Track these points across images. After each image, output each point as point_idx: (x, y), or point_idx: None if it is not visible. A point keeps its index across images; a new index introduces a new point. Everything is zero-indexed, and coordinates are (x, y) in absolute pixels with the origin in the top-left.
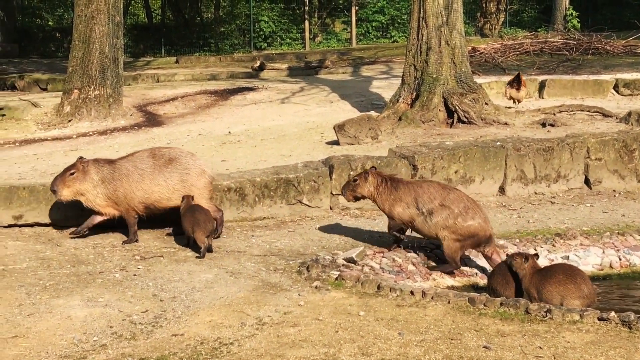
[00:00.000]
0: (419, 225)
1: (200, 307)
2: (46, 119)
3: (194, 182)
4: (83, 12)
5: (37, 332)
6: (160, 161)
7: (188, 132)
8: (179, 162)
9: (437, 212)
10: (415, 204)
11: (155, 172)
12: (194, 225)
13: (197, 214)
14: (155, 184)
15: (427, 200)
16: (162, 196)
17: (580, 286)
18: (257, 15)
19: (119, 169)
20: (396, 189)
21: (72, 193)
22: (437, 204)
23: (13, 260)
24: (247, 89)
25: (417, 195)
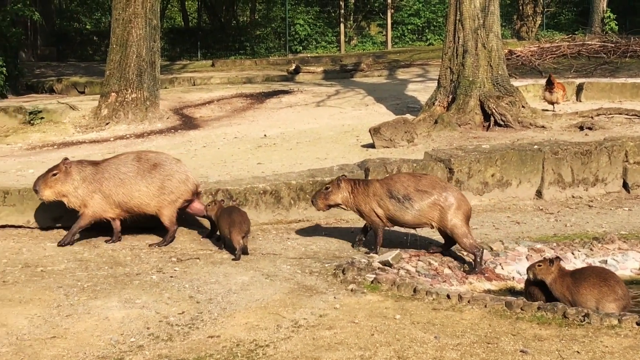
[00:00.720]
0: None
1: (236, 309)
2: (84, 121)
3: (174, 188)
4: (121, 15)
5: (75, 333)
6: (145, 166)
7: (224, 135)
8: (162, 167)
9: (415, 198)
10: (389, 194)
11: (138, 177)
12: (230, 226)
13: (234, 214)
14: (136, 189)
15: (400, 188)
16: (142, 201)
17: (615, 288)
18: (293, 19)
19: (101, 171)
20: (368, 186)
21: (54, 194)
22: (412, 190)
23: (52, 261)
24: (282, 92)
25: (390, 187)
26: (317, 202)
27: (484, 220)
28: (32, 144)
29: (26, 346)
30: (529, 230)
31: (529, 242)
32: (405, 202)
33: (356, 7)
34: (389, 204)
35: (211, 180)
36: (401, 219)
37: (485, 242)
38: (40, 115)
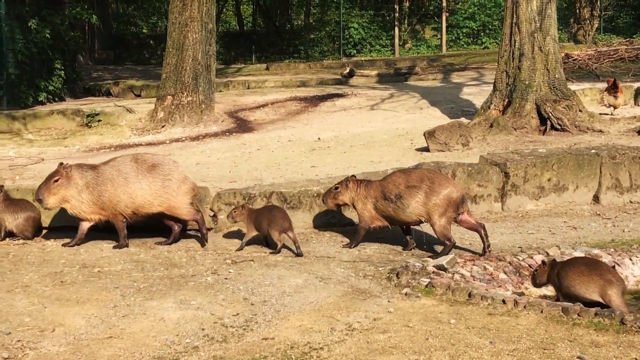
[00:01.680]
0: (394, 213)
1: (290, 311)
2: (140, 124)
3: (175, 188)
4: (177, 19)
5: (131, 333)
6: (144, 166)
7: (278, 138)
8: (161, 168)
9: (406, 194)
10: (383, 195)
11: (139, 176)
12: (270, 223)
13: (274, 211)
14: (139, 188)
15: (392, 188)
16: (145, 201)
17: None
18: (347, 22)
19: (102, 174)
20: (368, 188)
21: (58, 200)
22: (402, 187)
23: (108, 262)
24: (336, 95)
25: (384, 188)
26: (327, 201)
27: (540, 225)
28: (89, 146)
29: (83, 346)
30: (586, 236)
31: (586, 247)
32: (397, 201)
33: (411, 10)
34: (382, 205)
35: (265, 182)
36: (397, 218)
37: (541, 247)
38: (97, 117)
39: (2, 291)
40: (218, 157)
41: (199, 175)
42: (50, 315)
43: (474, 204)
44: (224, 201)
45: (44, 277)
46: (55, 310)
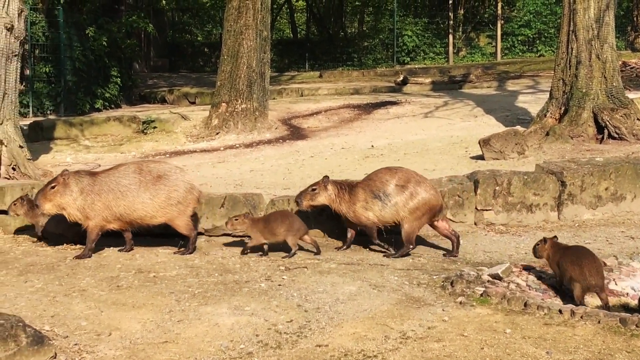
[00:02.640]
0: (384, 213)
1: (344, 318)
2: (195, 131)
3: (181, 199)
4: (232, 27)
5: (186, 338)
6: (147, 177)
7: (331, 146)
8: (167, 178)
9: (394, 193)
10: (373, 195)
11: (140, 189)
12: (288, 229)
13: (291, 217)
14: (140, 201)
15: (380, 185)
16: (147, 213)
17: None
18: (401, 30)
19: (99, 183)
20: (354, 190)
21: (54, 207)
22: (392, 186)
23: (163, 267)
24: (390, 103)
25: (372, 187)
26: (302, 202)
27: (597, 235)
28: (145, 152)
29: (139, 350)
30: None
31: None
32: (386, 200)
33: (465, 18)
34: (374, 205)
35: None
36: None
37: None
38: (153, 124)
39: (59, 295)
40: (271, 164)
41: (252, 182)
42: (107, 320)
43: (529, 213)
44: (277, 208)
45: (100, 282)
46: (111, 315)
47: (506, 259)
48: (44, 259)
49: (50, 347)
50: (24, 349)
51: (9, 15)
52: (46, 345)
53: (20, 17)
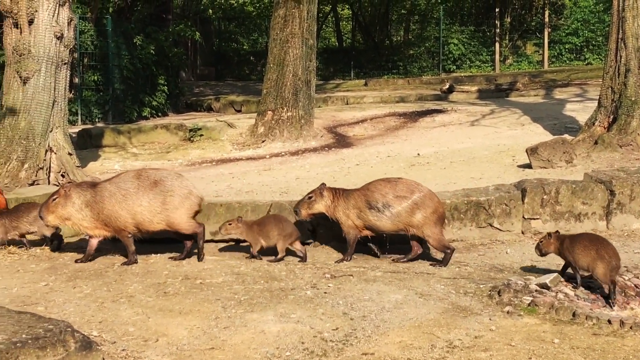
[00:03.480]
0: (379, 223)
1: (390, 327)
2: (241, 139)
3: (177, 204)
4: (278, 35)
5: (233, 345)
6: (145, 183)
7: (377, 154)
8: (163, 184)
9: (394, 204)
10: (368, 205)
11: (139, 193)
12: (280, 233)
13: (284, 222)
14: (138, 205)
15: (379, 197)
16: (145, 218)
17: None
18: (447, 38)
19: (100, 191)
20: (348, 197)
21: (57, 218)
22: (391, 197)
23: (210, 274)
24: (435, 111)
25: (368, 197)
26: (300, 212)
27: None
28: (191, 160)
29: (186, 356)
30: None
31: None
32: (384, 211)
33: (512, 26)
34: (369, 214)
35: None
36: (381, 227)
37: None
38: (199, 132)
39: (107, 301)
40: (317, 172)
41: (298, 190)
42: (154, 326)
43: (577, 222)
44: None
45: (147, 288)
46: (158, 321)
47: (554, 269)
48: (92, 265)
49: (98, 352)
50: (73, 354)
51: (58, 24)
52: (94, 350)
53: (70, 26)
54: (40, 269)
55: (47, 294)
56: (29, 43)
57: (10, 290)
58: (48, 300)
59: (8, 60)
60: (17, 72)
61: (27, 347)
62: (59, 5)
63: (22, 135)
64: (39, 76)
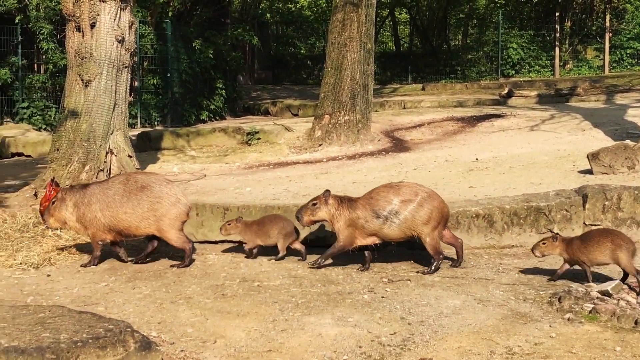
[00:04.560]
0: (388, 231)
1: (448, 332)
2: (298, 142)
3: (165, 211)
4: (336, 39)
5: (290, 348)
6: (132, 188)
7: (435, 158)
8: (150, 190)
9: (401, 210)
10: (375, 214)
11: (123, 199)
12: (280, 231)
13: (284, 222)
14: (123, 212)
15: (384, 205)
16: (131, 224)
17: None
18: (506, 42)
19: (89, 194)
20: (354, 207)
21: (57, 221)
22: (397, 203)
23: (267, 277)
24: (494, 115)
25: (373, 206)
26: (302, 218)
27: None
28: (249, 163)
29: (243, 358)
30: None
31: None
32: (391, 218)
33: (572, 30)
34: (374, 225)
35: None
36: (389, 235)
37: None
38: (257, 136)
39: (166, 302)
40: (374, 176)
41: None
42: (212, 327)
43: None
44: None
45: (205, 290)
46: (216, 322)
47: (615, 276)
48: (151, 267)
49: (157, 353)
50: (132, 354)
51: (120, 27)
52: (153, 351)
53: (131, 30)
54: (100, 269)
55: (107, 294)
56: (91, 46)
57: (71, 290)
58: (108, 301)
59: (70, 63)
60: (79, 75)
61: (87, 347)
62: (121, 9)
63: (84, 137)
64: (101, 79)
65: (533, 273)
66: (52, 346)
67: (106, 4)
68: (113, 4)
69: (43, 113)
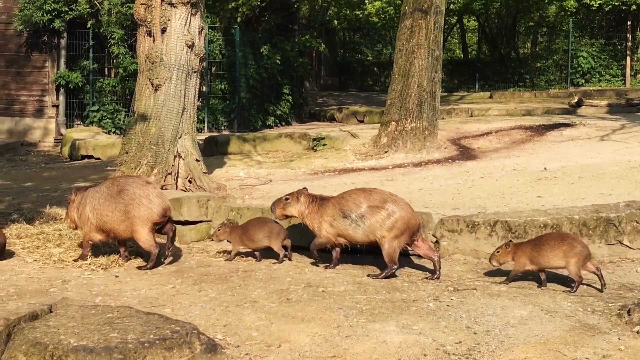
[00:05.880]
0: (352, 233)
1: (514, 343)
2: (363, 149)
3: (136, 212)
4: (404, 46)
5: (354, 354)
6: (112, 192)
7: (502, 167)
8: (126, 192)
9: (368, 214)
10: (342, 214)
11: (106, 202)
12: (270, 234)
13: (271, 223)
14: (104, 214)
15: (353, 207)
16: (112, 226)
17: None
18: (576, 51)
19: (86, 196)
20: (323, 205)
21: (71, 221)
22: (365, 207)
23: (332, 282)
24: (563, 125)
25: (342, 206)
26: (275, 210)
27: None
28: (314, 169)
29: None
30: None
31: None
32: (357, 220)
33: None
34: (341, 224)
35: (489, 211)
36: (353, 237)
37: None
38: (323, 142)
39: (231, 305)
40: (440, 184)
41: (421, 202)
42: (277, 331)
43: None
44: (446, 228)
45: (270, 294)
46: (281, 327)
47: None
48: (217, 270)
49: (223, 355)
50: (198, 356)
51: (190, 32)
52: (219, 353)
53: (201, 35)
54: (167, 271)
55: (173, 296)
56: (161, 51)
57: (138, 292)
58: (174, 303)
59: (141, 67)
60: (149, 79)
61: (154, 347)
62: (191, 14)
63: (152, 141)
64: (170, 84)
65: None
66: (119, 346)
67: (177, 9)
68: (184, 9)
69: (113, 116)
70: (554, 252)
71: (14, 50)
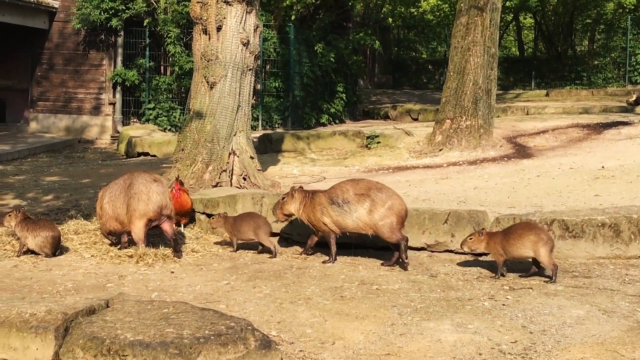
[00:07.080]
0: (342, 220)
1: (571, 342)
2: (418, 147)
3: (135, 206)
4: (460, 43)
5: (408, 352)
6: (123, 186)
7: (559, 165)
8: (132, 187)
9: (355, 202)
10: (330, 201)
11: (120, 195)
12: (256, 228)
13: (256, 217)
14: (117, 206)
15: (339, 193)
16: (123, 219)
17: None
18: (634, 49)
19: (107, 189)
20: (315, 196)
21: (98, 215)
22: (351, 194)
23: (386, 281)
24: (621, 123)
25: (330, 194)
26: (276, 212)
27: None
28: (368, 166)
29: None
30: None
31: None
32: (344, 206)
33: None
34: (330, 210)
35: (546, 209)
36: (343, 224)
37: None
38: (377, 139)
39: (286, 302)
40: (496, 182)
41: (476, 200)
42: (331, 329)
43: None
44: (502, 226)
45: (324, 291)
46: (335, 324)
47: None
48: (271, 266)
49: (277, 352)
50: (252, 352)
51: (245, 30)
52: (273, 350)
53: (256, 33)
54: (222, 267)
55: (228, 292)
56: (217, 49)
57: (194, 287)
58: (229, 299)
59: (196, 65)
60: (204, 77)
61: (209, 343)
62: (246, 12)
63: (208, 138)
64: (225, 81)
65: None
66: (175, 341)
67: (232, 7)
68: (239, 7)
69: (168, 114)
70: (522, 241)
71: (72, 48)
